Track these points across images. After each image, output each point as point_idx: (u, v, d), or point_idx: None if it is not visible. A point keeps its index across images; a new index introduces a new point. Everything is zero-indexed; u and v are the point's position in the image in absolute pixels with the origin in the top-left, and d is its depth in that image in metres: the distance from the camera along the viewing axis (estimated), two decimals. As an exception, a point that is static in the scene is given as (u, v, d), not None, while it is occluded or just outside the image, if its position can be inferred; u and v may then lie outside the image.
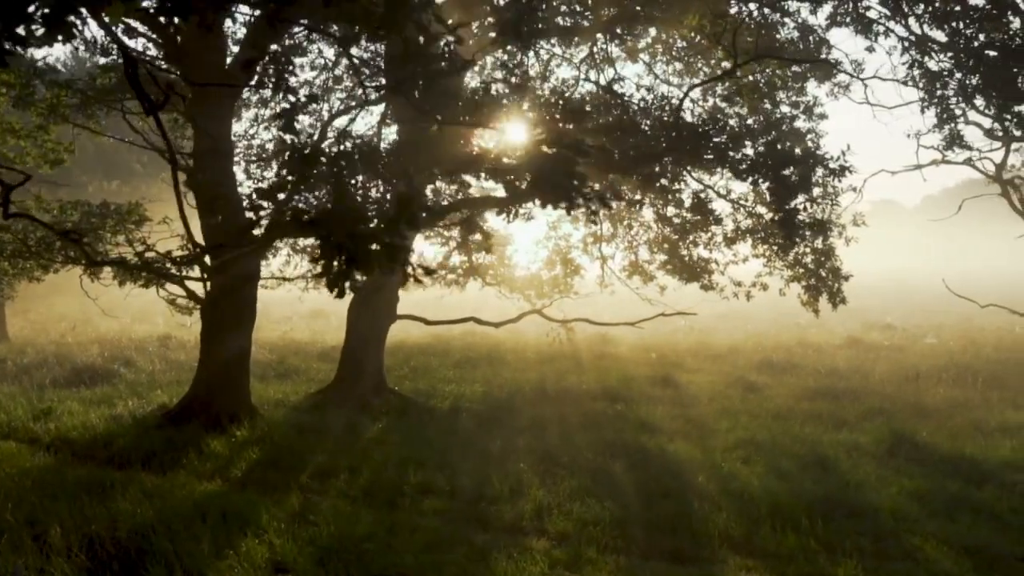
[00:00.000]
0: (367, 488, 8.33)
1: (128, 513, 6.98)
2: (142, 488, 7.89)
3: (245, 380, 11.78)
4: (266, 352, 18.59)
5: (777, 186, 10.06)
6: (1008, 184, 15.88)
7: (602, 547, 6.75)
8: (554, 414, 12.25)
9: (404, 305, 20.54)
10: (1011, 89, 10.05)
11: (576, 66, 17.06)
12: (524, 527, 7.30)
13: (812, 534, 6.99)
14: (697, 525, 7.23)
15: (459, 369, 16.78)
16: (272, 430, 10.74)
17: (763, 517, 7.33)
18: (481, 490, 8.23)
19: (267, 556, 6.14)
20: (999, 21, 9.72)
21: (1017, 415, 11.87)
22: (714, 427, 11.57)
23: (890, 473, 9.04)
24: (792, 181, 10.13)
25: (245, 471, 9.01)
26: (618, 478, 8.75)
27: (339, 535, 6.60)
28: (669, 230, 15.75)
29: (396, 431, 11.06)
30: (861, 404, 13.00)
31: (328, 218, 3.11)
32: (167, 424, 10.98)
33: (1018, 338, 21.61)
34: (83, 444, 10.12)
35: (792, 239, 11.20)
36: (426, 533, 6.84)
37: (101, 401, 12.56)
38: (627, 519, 7.41)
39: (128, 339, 19.78)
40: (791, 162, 10.18)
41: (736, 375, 16.17)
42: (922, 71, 11.02)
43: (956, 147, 11.76)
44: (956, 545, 6.88)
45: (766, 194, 11.14)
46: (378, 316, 13.69)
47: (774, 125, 15.61)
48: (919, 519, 7.47)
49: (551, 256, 18.65)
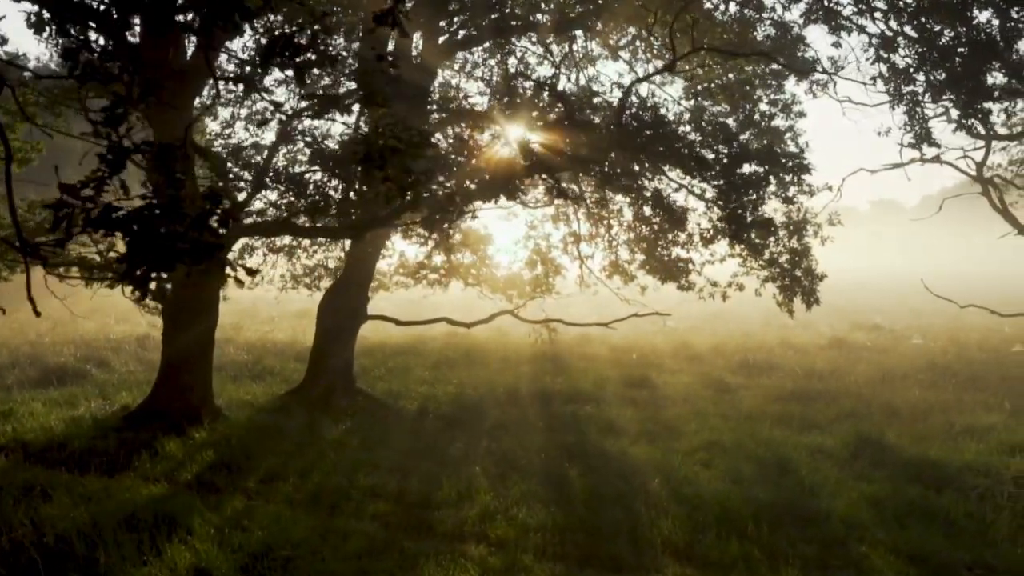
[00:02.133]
0: (314, 492, 8.20)
1: (60, 517, 6.87)
2: (84, 491, 7.79)
3: (207, 381, 11.66)
4: (243, 352, 18.49)
5: (725, 184, 9.89)
6: (988, 183, 15.69)
7: (540, 554, 6.62)
8: (521, 416, 12.11)
9: (386, 306, 20.47)
10: (978, 86, 9.87)
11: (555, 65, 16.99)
12: (466, 533, 7.17)
13: (757, 542, 6.86)
14: (641, 532, 7.09)
15: (436, 370, 16.64)
16: (232, 432, 10.62)
17: (710, 524, 7.19)
18: (430, 494, 8.11)
19: (191, 562, 6.02)
20: (964, 15, 9.53)
21: (988, 417, 11.69)
22: (682, 429, 11.42)
23: (850, 477, 8.89)
24: (742, 179, 9.95)
25: (195, 474, 8.89)
26: (571, 482, 8.61)
27: (270, 541, 6.48)
28: (647, 230, 15.60)
29: (358, 433, 10.93)
30: (834, 406, 12.84)
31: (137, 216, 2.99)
32: (126, 426, 10.87)
33: (1006, 338, 21.39)
34: (39, 446, 10.00)
35: (740, 238, 11.02)
36: (361, 539, 6.71)
37: (65, 402, 12.44)
38: (572, 525, 7.27)
39: (106, 339, 19.66)
40: (747, 159, 10.01)
41: (715, 376, 16.01)
42: (888, 67, 10.85)
43: (926, 145, 11.58)
44: (904, 553, 6.74)
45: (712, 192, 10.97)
46: (347, 316, 13.56)
47: (752, 123, 15.49)
48: (871, 526, 7.31)
49: (531, 256, 18.49)
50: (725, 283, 14.91)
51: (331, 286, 14.34)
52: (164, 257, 2.90)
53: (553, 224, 18.50)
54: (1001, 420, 11.57)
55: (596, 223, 17.43)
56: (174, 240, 2.92)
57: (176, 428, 10.56)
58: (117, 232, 3.03)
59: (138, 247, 2.91)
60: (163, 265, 2.98)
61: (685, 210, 13.54)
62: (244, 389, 14.05)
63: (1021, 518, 7.50)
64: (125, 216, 3.02)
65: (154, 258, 2.90)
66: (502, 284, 19.09)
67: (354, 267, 13.98)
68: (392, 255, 18.76)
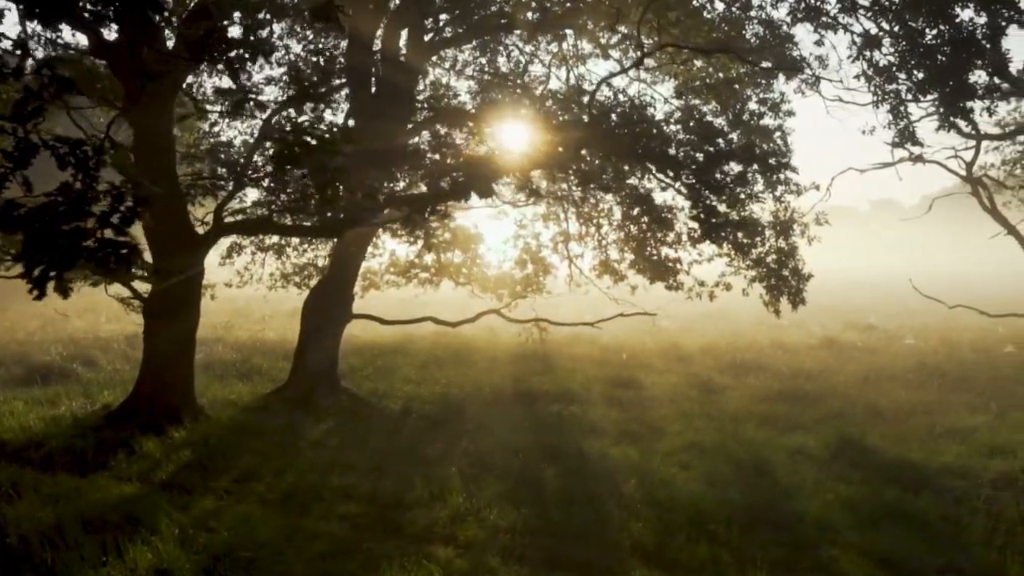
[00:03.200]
0: (287, 492, 8.17)
1: (26, 518, 6.83)
2: (53, 491, 7.75)
3: (189, 380, 11.62)
4: (232, 352, 18.44)
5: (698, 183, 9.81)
6: (978, 183, 15.60)
7: (507, 556, 6.57)
8: (504, 416, 12.06)
9: (377, 305, 20.42)
10: (960, 84, 9.79)
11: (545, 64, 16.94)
12: (435, 534, 7.12)
13: (727, 544, 6.81)
14: (611, 534, 7.04)
15: (424, 369, 16.58)
16: (212, 431, 10.58)
17: (681, 526, 7.13)
18: (403, 495, 8.06)
19: (152, 562, 5.98)
20: (947, 13, 9.45)
21: (972, 418, 11.62)
22: (665, 430, 11.36)
23: (828, 479, 8.82)
24: (715, 179, 9.88)
25: (170, 473, 8.85)
26: (546, 483, 8.57)
27: (235, 542, 6.44)
28: (635, 229, 15.53)
29: (338, 433, 10.89)
30: (819, 407, 12.77)
31: (39, 213, 2.94)
32: (106, 425, 10.84)
33: (999, 338, 21.28)
34: (17, 445, 9.97)
35: (712, 238, 10.95)
36: (327, 540, 6.67)
37: (48, 401, 12.40)
38: (542, 527, 7.23)
39: (95, 338, 19.63)
40: (726, 158, 9.93)
41: (703, 376, 15.95)
42: (871, 66, 10.77)
43: (910, 144, 11.50)
44: (875, 556, 6.68)
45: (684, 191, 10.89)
46: (331, 316, 13.52)
47: (741, 122, 15.40)
48: (843, 528, 7.25)
49: (521, 255, 18.43)
50: (712, 283, 14.85)
51: (315, 285, 14.32)
52: (64, 256, 2.85)
53: (543, 223, 18.50)
54: (986, 421, 11.50)
55: (586, 222, 17.39)
56: (77, 238, 2.87)
57: (155, 427, 10.51)
58: (18, 231, 2.97)
59: (37, 245, 2.86)
60: (62, 264, 2.93)
61: (671, 209, 13.49)
62: (229, 388, 14.00)
63: (996, 521, 7.43)
64: (27, 214, 2.97)
65: (53, 257, 2.85)
66: (492, 283, 19.04)
67: (338, 266, 13.95)
68: (383, 254, 18.74)
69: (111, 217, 3.03)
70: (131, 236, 3.29)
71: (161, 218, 10.35)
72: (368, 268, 18.18)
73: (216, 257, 17.56)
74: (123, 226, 3.11)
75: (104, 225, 2.99)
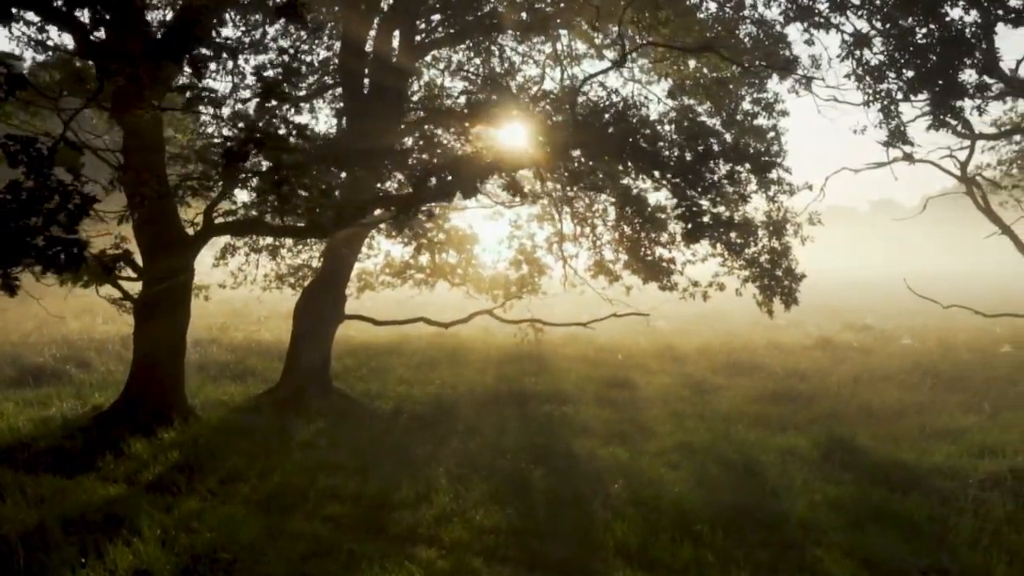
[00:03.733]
0: (272, 493, 8.14)
1: (9, 519, 6.81)
2: (38, 493, 7.73)
3: (179, 380, 11.60)
4: (227, 353, 18.42)
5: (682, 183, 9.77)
6: (972, 183, 15.57)
7: (490, 557, 6.55)
8: (495, 417, 12.04)
9: (372, 306, 20.40)
10: (950, 83, 9.76)
11: (539, 64, 16.92)
12: (419, 535, 7.09)
13: (711, 545, 6.78)
14: (595, 534, 7.02)
15: (418, 370, 16.56)
16: (201, 432, 10.56)
17: (665, 527, 7.10)
18: (388, 496, 8.04)
19: (132, 564, 5.96)
20: (937, 12, 9.41)
21: (964, 419, 11.59)
22: (656, 431, 11.34)
23: (817, 479, 8.79)
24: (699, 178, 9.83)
25: (157, 475, 8.83)
26: (533, 484, 8.53)
27: (217, 543, 6.42)
28: (629, 229, 15.50)
29: (328, 434, 10.86)
30: (812, 407, 12.74)
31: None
32: (96, 426, 10.82)
33: (996, 338, 21.24)
34: (3, 446, 9.95)
35: (694, 238, 10.92)
36: (309, 541, 6.65)
37: (39, 402, 12.39)
38: (527, 527, 7.21)
39: (90, 339, 19.62)
40: (713, 157, 9.90)
41: (697, 376, 15.92)
42: (861, 65, 10.74)
43: (901, 143, 11.47)
44: (860, 556, 6.65)
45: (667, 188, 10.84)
46: (323, 316, 13.49)
47: (735, 123, 15.37)
48: (829, 529, 7.22)
49: (516, 256, 18.40)
50: (706, 283, 14.82)
51: (307, 286, 14.30)
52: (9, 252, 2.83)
53: (538, 224, 18.47)
54: (977, 422, 11.46)
55: (580, 223, 17.36)
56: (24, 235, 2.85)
57: (145, 428, 10.49)
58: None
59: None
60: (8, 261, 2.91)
61: (664, 209, 13.45)
62: (222, 389, 13.98)
63: (983, 521, 7.40)
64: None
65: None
66: (487, 284, 19.02)
67: (330, 267, 13.93)
68: (378, 255, 18.72)
69: (57, 215, 3.01)
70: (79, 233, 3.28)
71: (150, 219, 10.33)
72: (363, 269, 18.16)
73: (210, 258, 17.60)
74: (71, 224, 3.10)
75: (51, 223, 2.98)
